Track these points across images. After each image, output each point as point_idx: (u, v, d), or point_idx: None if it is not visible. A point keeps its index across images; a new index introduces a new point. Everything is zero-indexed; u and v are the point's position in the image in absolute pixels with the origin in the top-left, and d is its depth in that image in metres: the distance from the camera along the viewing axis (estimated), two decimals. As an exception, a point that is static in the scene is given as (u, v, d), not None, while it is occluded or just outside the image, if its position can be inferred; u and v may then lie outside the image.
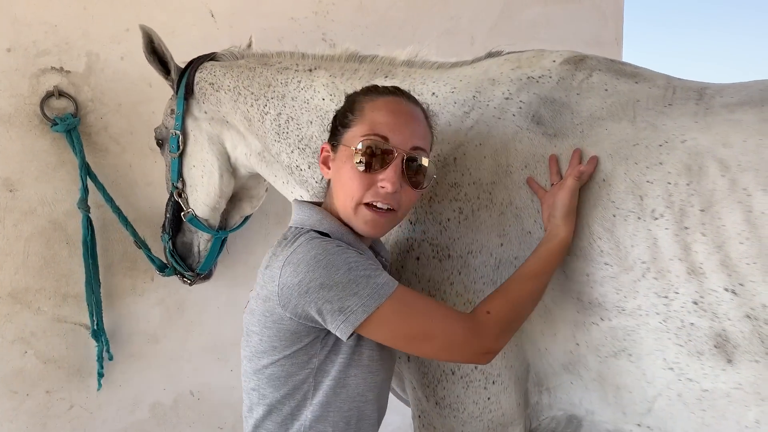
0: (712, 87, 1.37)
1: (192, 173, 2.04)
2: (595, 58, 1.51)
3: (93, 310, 2.20)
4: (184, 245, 2.19)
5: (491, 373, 1.40)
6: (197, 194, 2.06)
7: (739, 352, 1.18)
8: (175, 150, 2.01)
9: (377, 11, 2.71)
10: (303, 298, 1.14)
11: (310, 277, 1.14)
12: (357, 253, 1.19)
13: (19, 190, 2.11)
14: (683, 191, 1.22)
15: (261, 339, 1.24)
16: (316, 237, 1.20)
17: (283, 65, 1.86)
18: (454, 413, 1.43)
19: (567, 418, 1.48)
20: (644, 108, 1.35)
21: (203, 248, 2.20)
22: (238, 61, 1.99)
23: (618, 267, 1.27)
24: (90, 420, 2.27)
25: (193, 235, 2.18)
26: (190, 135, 2.02)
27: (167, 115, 2.05)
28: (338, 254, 1.16)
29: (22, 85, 2.10)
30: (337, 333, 1.16)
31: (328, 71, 1.76)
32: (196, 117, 2.01)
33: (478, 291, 1.38)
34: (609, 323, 1.29)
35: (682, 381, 1.25)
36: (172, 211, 2.10)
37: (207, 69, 1.97)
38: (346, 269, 1.14)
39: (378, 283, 1.15)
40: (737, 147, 1.20)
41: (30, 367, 2.16)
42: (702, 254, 1.19)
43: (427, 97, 1.59)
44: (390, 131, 1.24)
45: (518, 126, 1.42)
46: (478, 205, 1.40)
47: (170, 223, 2.12)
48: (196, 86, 1.96)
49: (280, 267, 1.17)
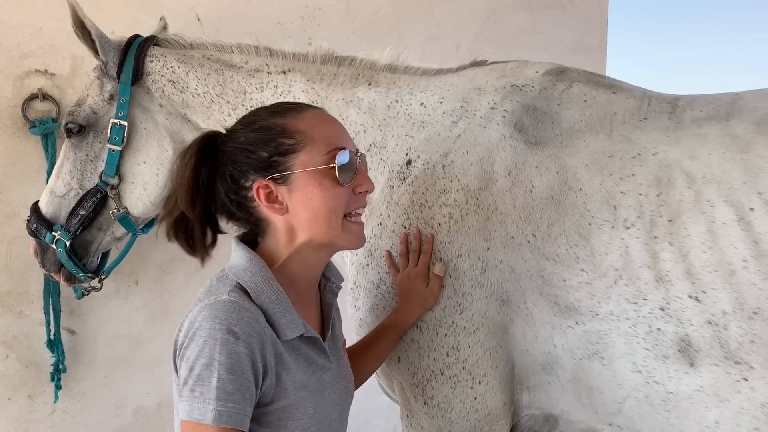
0: (684, 99, 1.47)
1: (140, 170, 1.90)
2: (576, 71, 1.60)
3: (49, 320, 2.16)
4: (82, 244, 1.96)
5: (478, 373, 1.45)
6: (143, 192, 1.92)
7: (701, 356, 1.26)
8: (120, 142, 1.85)
9: (364, 16, 2.74)
10: (179, 359, 1.13)
11: (187, 343, 1.10)
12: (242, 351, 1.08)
13: (2, 193, 2.12)
14: (653, 202, 1.31)
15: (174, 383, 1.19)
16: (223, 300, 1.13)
17: (252, 66, 1.82)
18: (442, 413, 1.48)
19: (544, 416, 1.54)
20: (621, 122, 1.44)
21: (102, 247, 2.02)
22: (192, 51, 1.90)
23: (592, 273, 1.34)
24: (73, 424, 2.28)
25: (99, 233, 1.97)
26: (139, 128, 1.89)
27: (100, 99, 1.88)
28: (216, 344, 1.07)
29: (6, 87, 2.11)
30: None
31: (304, 75, 1.76)
32: (146, 108, 1.90)
33: (467, 294, 1.44)
34: (583, 327, 1.37)
35: (649, 383, 1.32)
36: (94, 208, 1.88)
37: (158, 59, 1.87)
38: (206, 363, 1.07)
39: (216, 404, 1.06)
40: (702, 160, 1.30)
41: (12, 371, 2.16)
42: (669, 263, 1.27)
43: (415, 107, 1.65)
44: (342, 139, 1.26)
45: (502, 134, 1.50)
46: (466, 210, 1.46)
47: (84, 220, 1.88)
48: (148, 76, 1.86)
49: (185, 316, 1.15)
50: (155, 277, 2.40)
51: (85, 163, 1.90)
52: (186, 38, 1.95)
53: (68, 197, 1.91)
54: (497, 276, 1.43)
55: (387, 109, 1.67)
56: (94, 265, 2.04)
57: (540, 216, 1.41)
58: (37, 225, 1.93)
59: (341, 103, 1.71)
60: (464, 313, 1.44)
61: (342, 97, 1.71)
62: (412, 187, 1.54)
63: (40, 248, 1.98)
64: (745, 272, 1.22)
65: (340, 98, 1.71)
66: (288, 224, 1.23)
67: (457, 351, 1.44)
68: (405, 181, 1.57)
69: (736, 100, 1.41)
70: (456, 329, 1.44)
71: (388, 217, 1.56)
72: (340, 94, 1.71)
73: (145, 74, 1.86)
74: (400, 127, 1.64)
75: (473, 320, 1.44)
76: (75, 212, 1.89)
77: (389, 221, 1.55)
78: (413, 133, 1.62)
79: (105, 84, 1.88)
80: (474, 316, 1.44)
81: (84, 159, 1.90)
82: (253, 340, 1.11)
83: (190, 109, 1.88)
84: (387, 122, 1.66)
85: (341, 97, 1.71)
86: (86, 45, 1.85)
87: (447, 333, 1.45)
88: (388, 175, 1.62)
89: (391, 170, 1.62)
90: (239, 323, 1.10)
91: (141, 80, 1.86)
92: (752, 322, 1.21)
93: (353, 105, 1.70)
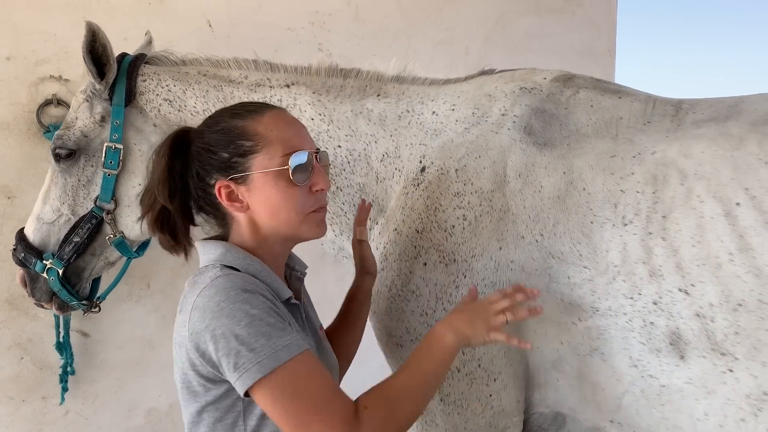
0: (687, 102, 1.52)
1: (136, 193, 1.82)
2: (583, 77, 1.65)
3: (59, 322, 2.17)
4: (75, 271, 1.90)
5: (493, 370, 1.49)
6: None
7: (690, 348, 1.30)
8: (116, 166, 1.80)
9: (373, 22, 2.76)
10: (208, 345, 1.12)
11: (214, 324, 1.11)
12: (264, 300, 1.16)
13: (18, 197, 2.15)
14: (649, 199, 1.36)
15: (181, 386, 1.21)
16: (220, 276, 1.18)
17: (253, 81, 1.81)
18: (458, 410, 1.51)
19: (553, 415, 1.58)
20: (626, 126, 1.49)
21: (95, 273, 1.97)
22: (186, 68, 1.88)
23: (594, 270, 1.39)
24: (85, 426, 2.31)
25: (93, 259, 1.92)
26: (134, 150, 1.83)
27: (91, 122, 1.82)
28: (241, 303, 1.13)
29: (21, 93, 2.14)
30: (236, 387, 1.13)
31: (310, 88, 1.76)
32: (140, 129, 1.84)
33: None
34: (585, 323, 1.41)
35: (644, 378, 1.37)
36: (89, 234, 1.82)
37: (152, 78, 1.84)
38: (247, 322, 1.10)
39: (277, 345, 1.11)
40: (695, 157, 1.35)
41: (26, 373, 2.19)
42: (661, 257, 1.32)
43: (427, 116, 1.69)
44: (300, 141, 1.31)
45: (513, 138, 1.54)
46: (480, 212, 1.50)
47: (78, 247, 1.83)
48: (141, 96, 1.83)
49: (189, 311, 1.16)
50: (167, 280, 2.43)
51: (76, 188, 1.84)
52: (176, 54, 1.92)
53: (58, 224, 1.85)
54: (509, 275, 1.47)
55: (398, 119, 1.71)
56: (86, 291, 1.98)
57: (547, 215, 1.45)
58: (26, 254, 1.86)
59: (350, 114, 1.73)
60: None
61: (351, 108, 1.74)
62: (426, 192, 1.58)
63: (30, 277, 1.91)
64: (731, 265, 1.26)
65: (348, 110, 1.74)
66: (251, 219, 1.29)
67: (472, 349, 1.48)
68: (419, 187, 1.61)
69: (738, 102, 1.45)
70: None
71: (403, 222, 1.59)
72: (348, 106, 1.74)
73: (138, 94, 1.83)
74: (413, 137, 1.68)
75: None
76: (68, 239, 1.84)
77: (404, 227, 1.59)
78: (427, 141, 1.66)
79: (95, 106, 1.83)
80: None
81: (75, 184, 1.84)
82: (266, 293, 1.19)
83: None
84: (399, 132, 1.70)
85: (350, 109, 1.74)
86: (89, 67, 1.77)
87: None
88: (403, 183, 1.66)
89: (406, 178, 1.66)
90: (246, 284, 1.17)
91: (134, 101, 1.83)
92: (737, 314, 1.25)
93: (362, 116, 1.73)
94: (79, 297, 1.92)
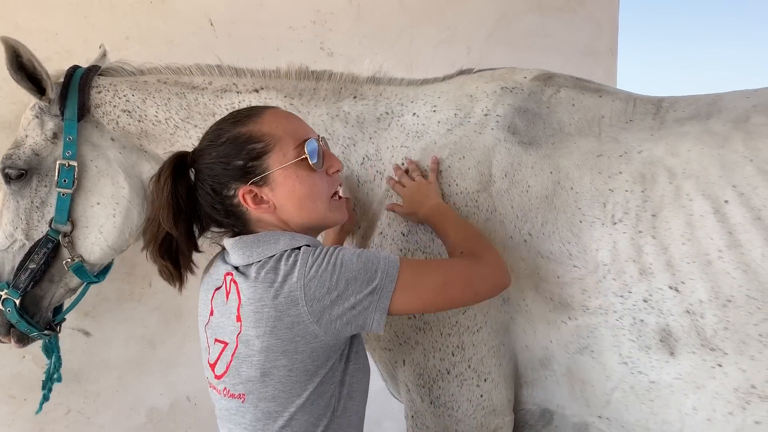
0: (667, 100, 1.54)
1: (94, 212, 1.75)
2: (563, 76, 1.66)
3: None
4: (33, 300, 1.77)
5: (483, 371, 1.49)
6: (99, 236, 1.76)
7: (680, 345, 1.32)
8: (70, 185, 1.69)
9: (375, 20, 2.76)
10: (337, 303, 1.18)
11: (334, 280, 1.18)
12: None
13: (19, 196, 2.14)
14: (638, 197, 1.37)
15: (290, 372, 1.21)
16: (301, 252, 1.22)
17: (218, 86, 1.74)
18: (449, 412, 1.51)
19: (540, 411, 1.60)
20: (608, 124, 1.51)
21: (55, 301, 1.84)
22: (144, 77, 1.80)
23: (584, 269, 1.40)
24: (87, 425, 2.32)
25: (52, 286, 1.79)
26: (90, 167, 1.74)
27: (42, 140, 1.72)
28: (338, 252, 1.21)
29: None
30: (375, 316, 1.20)
31: (281, 92, 1.71)
32: (95, 144, 1.75)
33: None
34: (575, 322, 1.42)
35: (634, 374, 1.38)
36: (45, 260, 1.70)
37: (107, 90, 1.75)
38: (356, 259, 1.20)
39: (384, 255, 1.23)
40: (683, 156, 1.36)
41: (28, 372, 2.20)
42: (651, 255, 1.33)
43: (408, 117, 1.68)
44: (305, 130, 1.35)
45: (497, 138, 1.54)
46: (466, 213, 1.51)
47: (34, 274, 1.70)
48: (97, 109, 1.74)
49: (301, 288, 1.18)
50: (169, 279, 2.42)
51: (30, 211, 1.72)
52: (132, 64, 1.84)
53: (12, 250, 1.73)
54: None
55: (377, 121, 1.68)
56: (48, 319, 1.84)
57: (535, 215, 1.46)
58: None
59: (326, 117, 1.69)
60: (467, 313, 1.48)
61: (326, 111, 1.70)
62: None
63: None
64: (720, 262, 1.28)
65: (324, 113, 1.70)
66: (279, 218, 1.31)
67: (462, 350, 1.48)
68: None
69: (716, 100, 1.47)
70: (460, 329, 1.48)
71: (389, 225, 1.59)
72: (323, 109, 1.70)
73: (93, 107, 1.74)
74: (394, 139, 1.67)
75: (476, 319, 1.48)
76: (23, 267, 1.70)
77: (389, 230, 1.58)
78: (409, 143, 1.64)
79: (46, 122, 1.73)
80: (476, 316, 1.48)
81: (28, 206, 1.72)
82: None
83: (149, 138, 1.77)
84: (379, 134, 1.68)
85: (325, 112, 1.70)
86: (23, 85, 1.68)
87: (451, 333, 1.48)
88: (385, 186, 1.65)
89: (388, 181, 1.64)
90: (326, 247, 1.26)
91: (88, 114, 1.74)
92: (726, 310, 1.27)
93: (339, 119, 1.69)
94: (39, 327, 1.79)
